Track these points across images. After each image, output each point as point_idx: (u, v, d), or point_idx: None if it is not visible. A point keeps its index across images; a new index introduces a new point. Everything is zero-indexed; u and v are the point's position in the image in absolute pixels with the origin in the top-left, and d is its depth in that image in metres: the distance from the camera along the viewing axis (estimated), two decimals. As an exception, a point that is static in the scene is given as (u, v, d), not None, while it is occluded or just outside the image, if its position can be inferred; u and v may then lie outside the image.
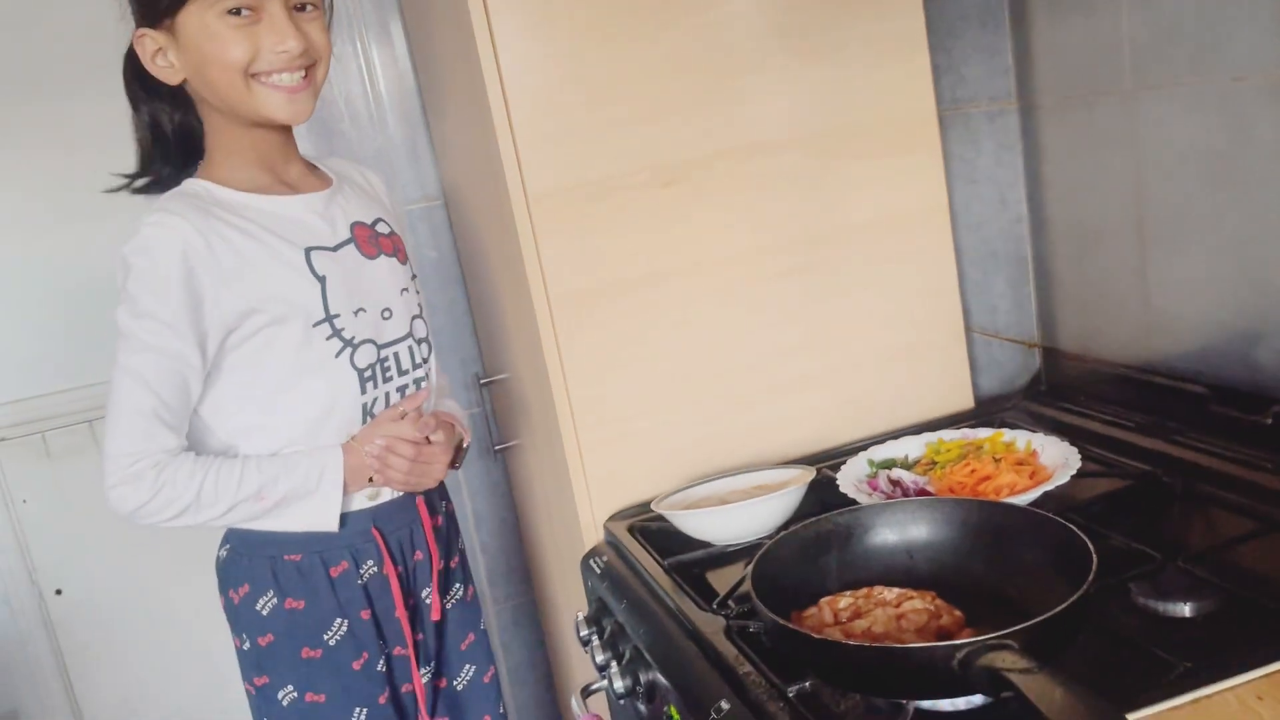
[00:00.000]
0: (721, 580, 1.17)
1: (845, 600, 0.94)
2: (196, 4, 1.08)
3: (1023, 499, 1.09)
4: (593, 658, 1.22)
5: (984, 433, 1.28)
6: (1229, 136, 1.11)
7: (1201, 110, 1.14)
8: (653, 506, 1.28)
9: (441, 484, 1.35)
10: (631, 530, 1.31)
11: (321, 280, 1.16)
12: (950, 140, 1.53)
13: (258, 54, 1.10)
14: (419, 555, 1.29)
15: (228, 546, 1.26)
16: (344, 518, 1.21)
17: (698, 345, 1.41)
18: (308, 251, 1.17)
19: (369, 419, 1.22)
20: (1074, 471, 1.10)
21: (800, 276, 1.44)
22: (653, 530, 1.29)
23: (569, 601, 1.66)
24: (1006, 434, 1.26)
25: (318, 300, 1.16)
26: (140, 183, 1.24)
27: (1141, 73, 1.21)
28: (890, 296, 1.48)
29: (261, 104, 1.12)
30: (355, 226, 1.23)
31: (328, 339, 1.17)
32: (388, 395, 1.24)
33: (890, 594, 0.93)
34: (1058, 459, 1.16)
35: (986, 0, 1.40)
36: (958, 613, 0.90)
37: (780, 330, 1.44)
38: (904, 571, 1.00)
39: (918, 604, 0.91)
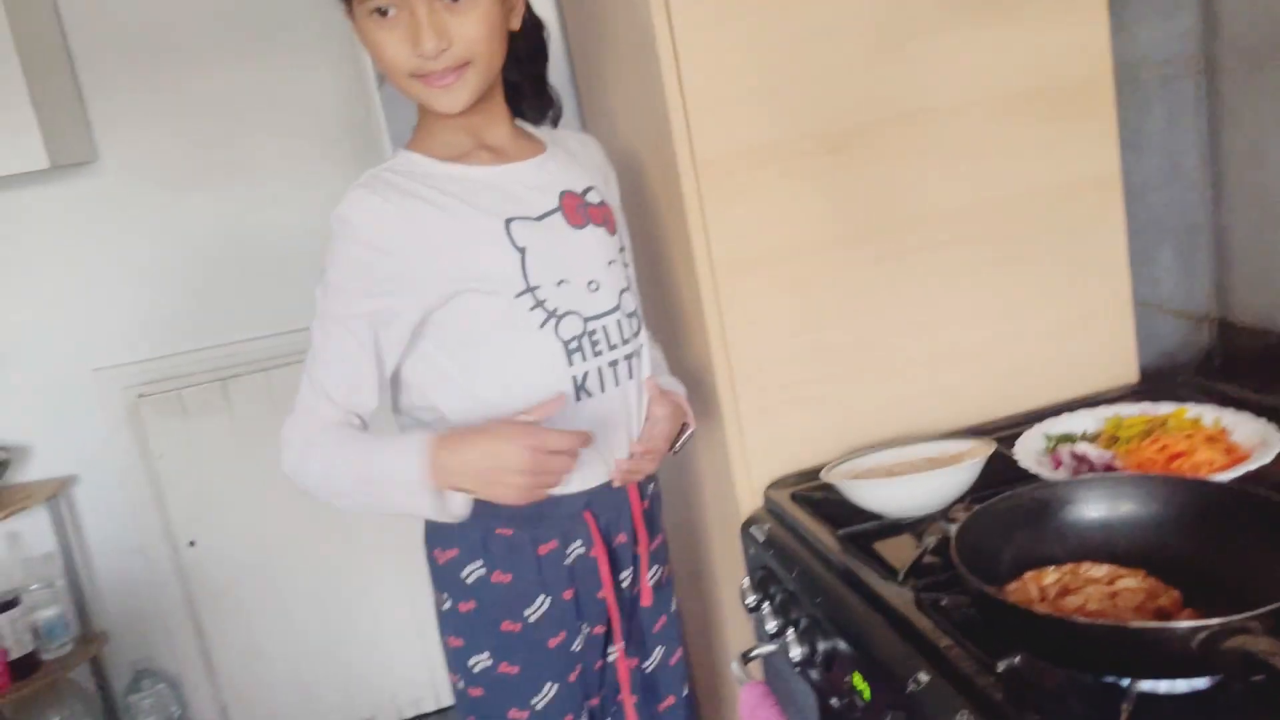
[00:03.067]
0: (891, 552, 1.15)
1: (1051, 576, 0.92)
2: (357, 3, 1.10)
3: (1220, 478, 1.05)
4: (762, 624, 1.22)
5: (1165, 408, 1.24)
6: None
7: None
8: (823, 476, 1.27)
9: None
10: (795, 499, 1.30)
11: (521, 251, 1.15)
12: (1116, 105, 1.48)
13: (408, 55, 1.10)
14: (622, 538, 1.28)
15: None
16: (559, 499, 1.20)
17: (858, 314, 1.39)
18: (508, 222, 1.15)
19: (583, 394, 1.20)
20: (1277, 450, 1.06)
21: (964, 246, 1.41)
22: (817, 500, 1.28)
23: (717, 566, 1.66)
24: (1190, 410, 1.22)
25: (517, 272, 1.15)
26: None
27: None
28: (1057, 266, 1.44)
29: (420, 98, 1.14)
30: (564, 195, 1.21)
31: (531, 310, 1.16)
32: (599, 370, 1.21)
33: (1100, 570, 0.91)
34: (1253, 437, 1.12)
35: (1169, -44, 1.35)
36: (1175, 592, 0.88)
37: (942, 300, 1.41)
38: (1101, 549, 0.97)
39: (1131, 582, 0.89)
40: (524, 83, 1.27)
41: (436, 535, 1.25)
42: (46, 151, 2.18)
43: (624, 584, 1.30)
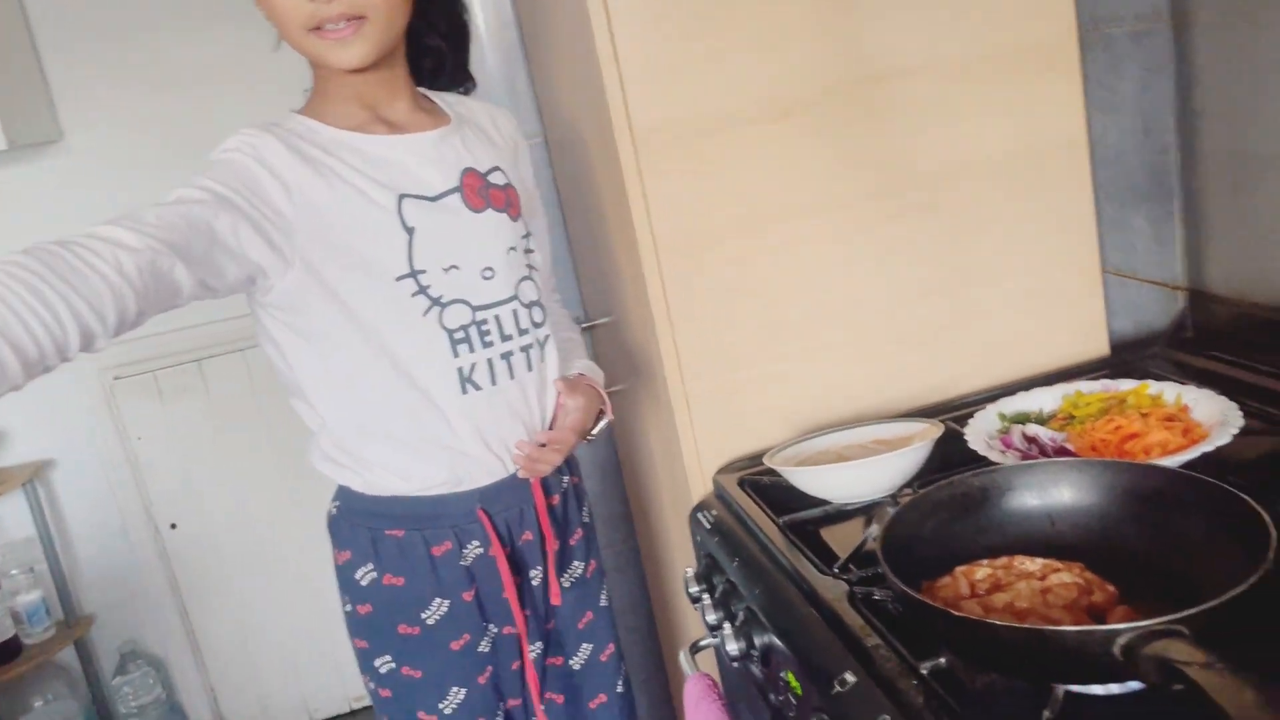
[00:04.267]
0: (838, 539, 1.11)
1: (983, 570, 0.87)
2: None
3: (1175, 460, 0.99)
4: (703, 616, 1.18)
5: (1127, 384, 1.18)
6: None
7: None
8: (766, 461, 1.22)
9: (570, 457, 1.28)
10: (742, 484, 1.25)
11: (410, 232, 1.08)
12: (1087, 64, 1.40)
13: (301, 2, 1.02)
14: (528, 536, 1.22)
15: (336, 505, 1.22)
16: (449, 497, 1.16)
17: (812, 290, 1.33)
18: (400, 199, 1.09)
19: (469, 387, 1.13)
20: (1235, 430, 1.00)
21: (923, 215, 1.35)
22: (765, 485, 1.23)
23: (675, 552, 1.62)
24: (1152, 386, 1.16)
25: (402, 254, 1.08)
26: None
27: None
28: (1021, 235, 1.38)
29: (315, 54, 1.06)
30: (466, 174, 1.14)
31: (413, 295, 1.09)
32: (490, 361, 1.14)
33: (1033, 564, 0.86)
34: (1213, 415, 1.06)
35: (1136, -97, 1.27)
36: (1110, 588, 0.83)
37: (901, 272, 1.35)
38: (1045, 539, 0.92)
39: (1065, 577, 0.83)
40: (445, 63, 1.21)
41: (334, 538, 1.22)
42: (4, 132, 2.14)
43: (534, 582, 1.24)
